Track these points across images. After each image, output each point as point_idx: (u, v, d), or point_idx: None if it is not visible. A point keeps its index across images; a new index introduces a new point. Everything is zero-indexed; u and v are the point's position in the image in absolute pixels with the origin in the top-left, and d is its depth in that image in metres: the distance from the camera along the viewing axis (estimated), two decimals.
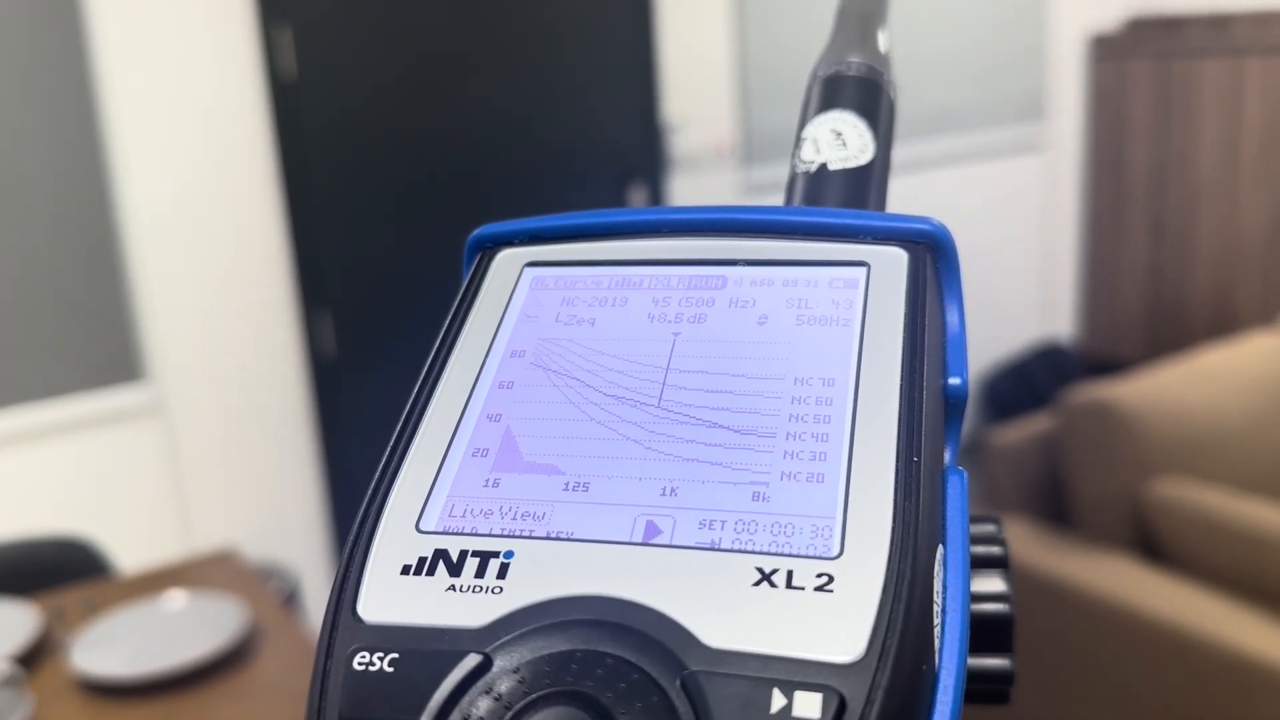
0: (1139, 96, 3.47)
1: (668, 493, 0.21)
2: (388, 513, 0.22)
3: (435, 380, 0.25)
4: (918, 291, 0.24)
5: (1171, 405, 1.98)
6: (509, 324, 0.26)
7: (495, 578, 0.20)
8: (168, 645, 1.40)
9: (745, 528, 0.21)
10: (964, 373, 0.24)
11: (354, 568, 0.21)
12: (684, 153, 2.86)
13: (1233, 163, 3.29)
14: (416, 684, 0.19)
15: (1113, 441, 1.94)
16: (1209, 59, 3.29)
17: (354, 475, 2.53)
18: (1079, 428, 1.99)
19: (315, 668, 0.20)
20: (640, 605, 0.19)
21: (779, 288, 0.25)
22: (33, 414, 2.19)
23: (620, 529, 0.21)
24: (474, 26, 2.53)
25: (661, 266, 0.26)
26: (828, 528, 0.20)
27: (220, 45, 2.24)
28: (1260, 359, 2.15)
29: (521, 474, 0.23)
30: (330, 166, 2.42)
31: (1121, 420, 1.93)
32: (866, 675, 0.18)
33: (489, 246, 0.28)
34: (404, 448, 0.24)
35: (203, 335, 2.31)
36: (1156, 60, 3.41)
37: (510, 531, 0.21)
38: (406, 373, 0.24)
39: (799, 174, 0.30)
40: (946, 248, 0.25)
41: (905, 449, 0.21)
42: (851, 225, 0.26)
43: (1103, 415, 1.95)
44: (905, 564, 0.19)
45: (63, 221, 2.18)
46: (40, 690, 1.35)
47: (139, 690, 1.33)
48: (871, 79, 0.32)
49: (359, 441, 2.52)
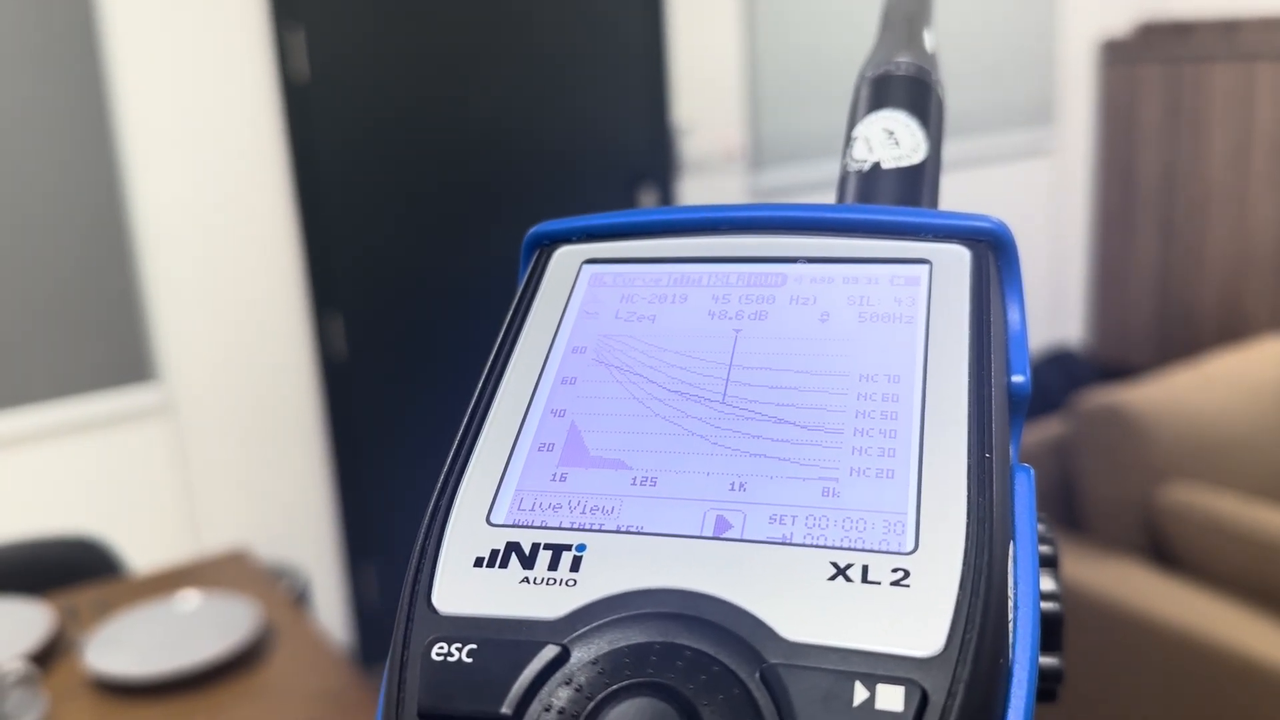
0: (1149, 101, 3.47)
1: (736, 488, 0.22)
2: (458, 506, 0.22)
3: (499, 376, 0.25)
4: (982, 289, 0.24)
5: (1182, 410, 1.98)
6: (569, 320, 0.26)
7: (569, 570, 0.21)
8: (180, 645, 1.40)
9: (817, 523, 0.21)
10: (1027, 370, 0.24)
11: (427, 560, 0.21)
12: (693, 156, 2.86)
13: (1243, 168, 3.28)
14: (496, 674, 0.19)
15: (1123, 446, 1.94)
16: (1219, 64, 3.29)
17: (364, 476, 2.53)
18: (1090, 432, 1.99)
19: (391, 659, 0.20)
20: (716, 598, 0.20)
21: (840, 285, 0.25)
22: (45, 414, 2.19)
23: (691, 523, 0.21)
24: (485, 30, 2.53)
25: (720, 264, 0.26)
26: (900, 523, 0.20)
27: (232, 47, 2.25)
28: (1271, 364, 2.14)
29: (588, 469, 0.23)
30: (341, 168, 2.42)
31: (1132, 425, 1.93)
32: (948, 669, 0.18)
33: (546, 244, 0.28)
34: (471, 442, 0.24)
35: (214, 336, 2.32)
36: (1167, 65, 3.41)
37: (581, 525, 0.21)
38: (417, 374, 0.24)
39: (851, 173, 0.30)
40: (1008, 246, 0.25)
41: (977, 445, 0.21)
42: (912, 223, 0.26)
43: (1113, 420, 1.94)
44: (982, 559, 0.19)
45: (75, 223, 2.18)
46: (54, 689, 1.35)
47: (152, 689, 1.34)
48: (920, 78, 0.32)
49: (369, 443, 2.53)
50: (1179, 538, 1.88)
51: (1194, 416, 1.99)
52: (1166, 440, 1.94)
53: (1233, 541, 1.80)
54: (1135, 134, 3.53)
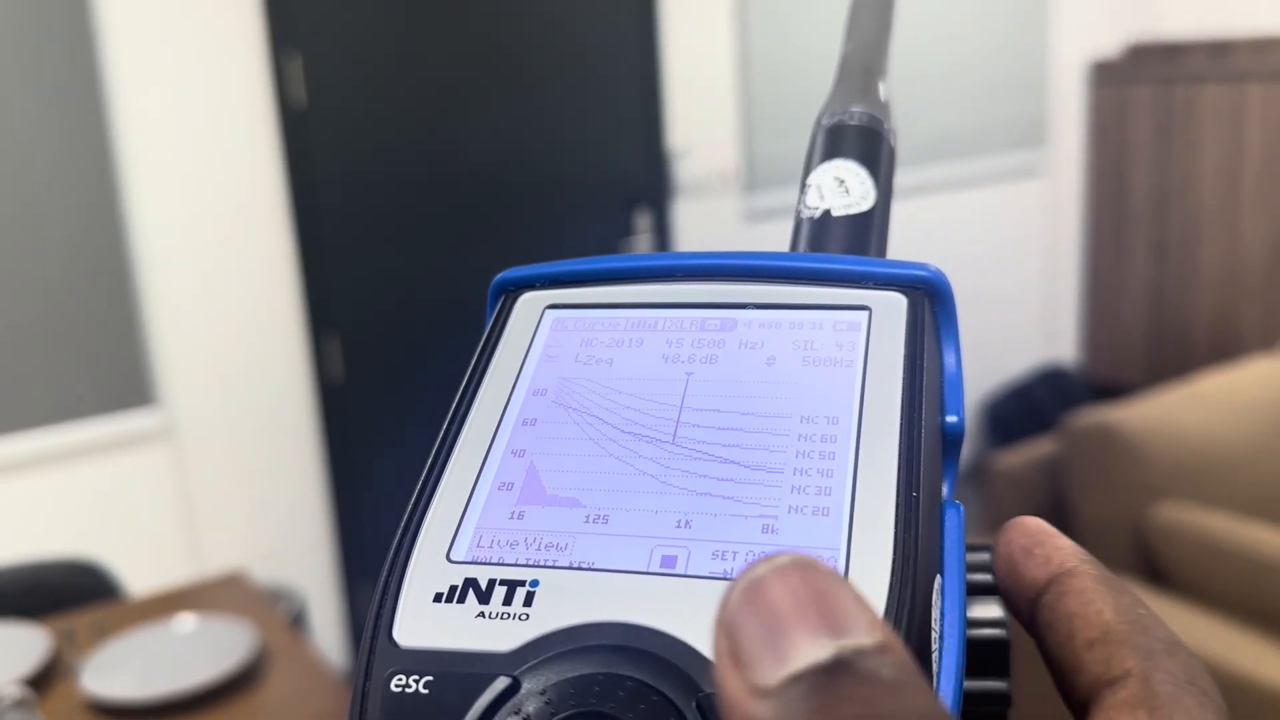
0: (1140, 122, 3.49)
1: (682, 525, 0.23)
2: (420, 543, 0.24)
3: (464, 416, 0.26)
4: (916, 334, 0.25)
5: (1174, 429, 1.99)
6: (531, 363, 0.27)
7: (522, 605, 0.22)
8: (177, 667, 1.41)
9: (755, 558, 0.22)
10: (960, 411, 0.26)
11: (389, 595, 0.23)
12: (688, 180, 2.88)
13: (1234, 188, 3.31)
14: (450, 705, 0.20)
15: (1115, 465, 1.95)
16: (1209, 84, 3.31)
17: (361, 498, 2.54)
18: (1081, 451, 2.00)
19: (354, 689, 0.21)
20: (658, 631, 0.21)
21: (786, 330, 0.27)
22: (44, 438, 2.20)
23: (638, 559, 0.22)
24: (481, 56, 2.56)
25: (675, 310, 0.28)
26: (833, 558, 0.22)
27: (231, 73, 2.27)
28: (1262, 383, 2.16)
29: (545, 506, 0.24)
30: (339, 193, 2.44)
31: (1124, 444, 1.94)
32: None
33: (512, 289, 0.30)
34: (435, 481, 0.25)
35: (212, 360, 2.33)
36: (1157, 86, 3.43)
37: (535, 561, 0.23)
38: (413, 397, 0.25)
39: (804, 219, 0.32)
40: (943, 292, 0.27)
41: (905, 484, 0.22)
42: (853, 271, 0.27)
43: (1105, 439, 1.96)
44: (905, 593, 0.21)
45: (74, 247, 2.20)
46: (51, 712, 1.36)
47: (148, 712, 1.34)
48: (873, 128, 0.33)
49: (366, 465, 2.54)
50: (1171, 556, 1.88)
51: (1186, 435, 1.99)
52: (1158, 459, 1.95)
53: (1225, 560, 1.81)
54: (1126, 154, 3.55)
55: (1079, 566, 0.23)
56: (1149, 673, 0.20)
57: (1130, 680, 0.20)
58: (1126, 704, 0.20)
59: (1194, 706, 0.19)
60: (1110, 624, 0.21)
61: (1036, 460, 2.11)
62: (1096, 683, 0.21)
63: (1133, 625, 0.21)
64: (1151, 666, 0.20)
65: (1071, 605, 0.22)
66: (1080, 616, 0.22)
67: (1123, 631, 0.21)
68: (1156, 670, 0.20)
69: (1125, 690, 0.20)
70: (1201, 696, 0.20)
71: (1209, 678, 0.20)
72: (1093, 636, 0.21)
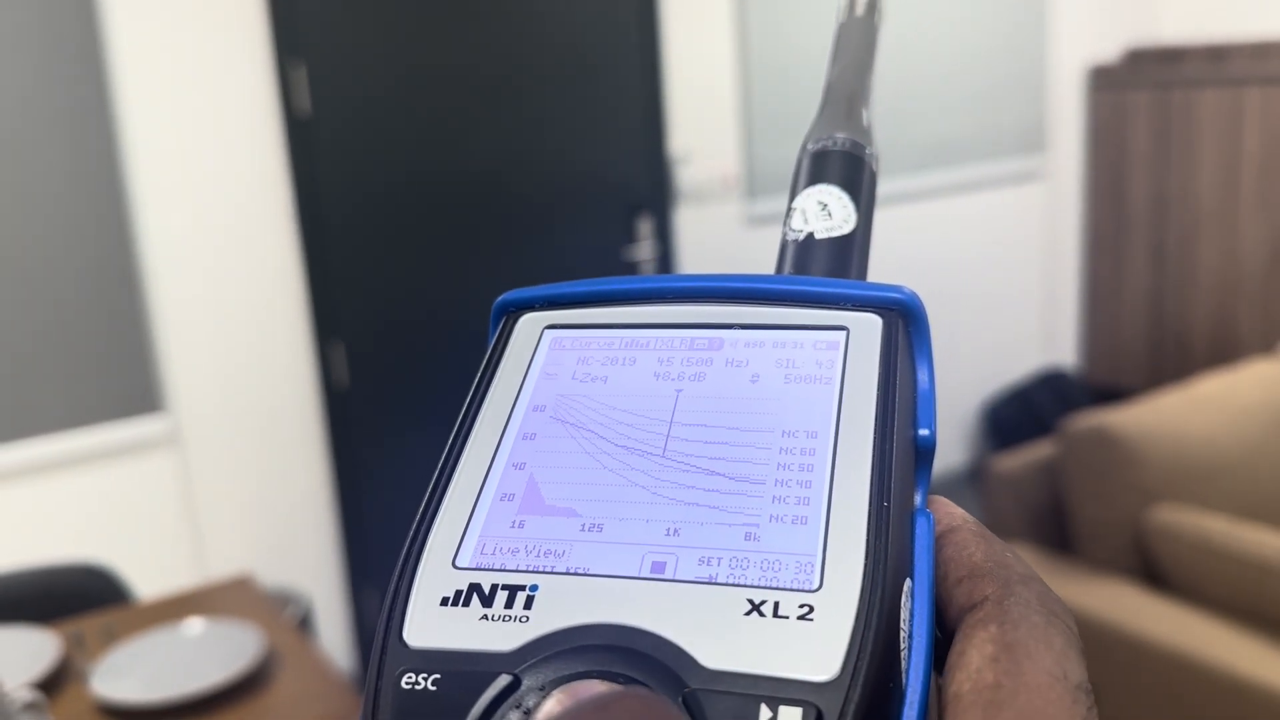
0: (1138, 127, 3.51)
1: (671, 533, 0.25)
2: (428, 551, 0.25)
3: (468, 432, 0.28)
4: (890, 353, 0.27)
5: (1172, 432, 2.00)
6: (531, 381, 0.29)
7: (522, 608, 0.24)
8: (185, 671, 1.42)
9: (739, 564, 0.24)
10: (932, 425, 0.27)
11: (399, 600, 0.24)
12: (690, 186, 2.90)
13: (1232, 192, 3.32)
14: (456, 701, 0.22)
15: (1113, 468, 1.96)
16: (1208, 89, 3.32)
17: (365, 503, 2.55)
18: (1079, 454, 2.01)
19: (368, 688, 0.23)
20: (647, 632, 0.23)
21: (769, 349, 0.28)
22: (53, 444, 2.22)
23: (630, 565, 0.24)
24: (484, 65, 2.58)
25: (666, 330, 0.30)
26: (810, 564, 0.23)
27: (237, 82, 2.29)
28: (1260, 386, 2.16)
29: (544, 516, 0.26)
30: (343, 200, 2.46)
31: (1122, 447, 1.95)
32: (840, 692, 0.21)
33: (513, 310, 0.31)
34: (441, 492, 0.27)
35: (219, 367, 2.35)
36: (1155, 91, 3.45)
37: (534, 567, 0.24)
38: (417, 402, 0.27)
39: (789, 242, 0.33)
40: (917, 313, 0.28)
41: (877, 495, 0.24)
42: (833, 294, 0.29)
43: (1103, 442, 1.96)
44: (875, 596, 0.22)
45: (83, 257, 2.22)
46: (61, 715, 1.37)
47: (157, 715, 1.36)
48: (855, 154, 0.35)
49: (371, 470, 2.55)
50: (1169, 559, 1.89)
51: (1183, 438, 2.00)
52: (1156, 462, 1.96)
53: (1223, 562, 1.82)
54: (1125, 159, 3.56)
55: (962, 525, 0.25)
56: (1003, 597, 0.23)
57: (987, 604, 0.23)
58: (981, 622, 0.22)
59: (1040, 623, 0.22)
60: (978, 564, 0.24)
61: (1035, 463, 2.11)
62: (960, 610, 0.23)
63: (996, 564, 0.24)
64: (1006, 592, 0.23)
65: (949, 553, 0.25)
66: (954, 560, 0.24)
67: (986, 568, 0.24)
68: (1010, 595, 0.23)
69: (982, 611, 0.23)
70: (1050, 616, 0.22)
71: (1064, 605, 0.23)
72: (962, 575, 0.24)
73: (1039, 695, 0.21)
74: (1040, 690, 0.21)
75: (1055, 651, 0.22)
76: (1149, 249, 3.55)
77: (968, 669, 0.22)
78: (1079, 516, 2.01)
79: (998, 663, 0.21)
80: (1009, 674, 0.21)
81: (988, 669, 0.21)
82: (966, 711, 0.21)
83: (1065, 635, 0.22)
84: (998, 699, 0.21)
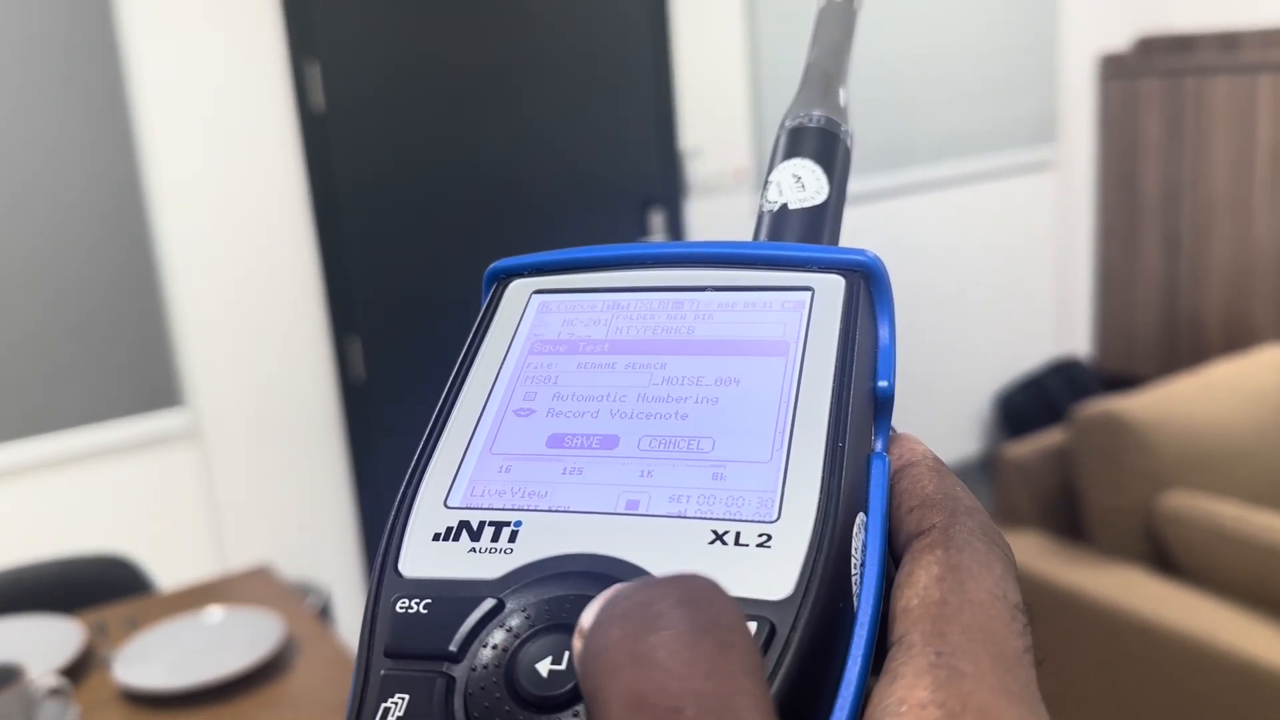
0: (1150, 115, 3.50)
1: (645, 475, 0.27)
2: (422, 493, 0.28)
3: (460, 385, 0.30)
4: (851, 311, 0.29)
5: (1182, 418, 2.00)
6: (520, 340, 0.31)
7: (507, 541, 0.26)
8: (206, 658, 1.44)
9: (706, 500, 0.26)
10: (891, 377, 0.29)
11: (395, 535, 0.26)
12: (701, 179, 2.92)
13: (1245, 179, 3.31)
14: (446, 621, 0.24)
15: (1124, 454, 1.96)
16: (1220, 77, 3.32)
17: (383, 494, 2.58)
18: (1090, 441, 2.01)
19: (365, 613, 0.25)
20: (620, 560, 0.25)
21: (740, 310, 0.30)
22: (76, 438, 2.26)
23: (607, 502, 0.26)
24: (498, 60, 2.60)
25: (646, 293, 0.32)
26: (770, 499, 0.25)
27: (252, 80, 2.32)
28: (1271, 371, 2.16)
29: (528, 461, 0.28)
30: (358, 196, 2.49)
31: (1132, 433, 1.95)
32: (792, 609, 0.23)
33: (503, 277, 0.34)
34: (435, 439, 0.29)
35: (238, 361, 2.38)
36: (1167, 79, 3.44)
37: (519, 506, 0.27)
38: (433, 393, 0.29)
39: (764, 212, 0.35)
40: (878, 274, 0.30)
41: (833, 437, 0.26)
42: (799, 257, 0.31)
43: (1114, 428, 1.97)
44: (828, 525, 0.24)
45: (102, 252, 2.25)
46: (85, 702, 1.40)
47: (178, 701, 1.38)
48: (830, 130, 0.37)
49: (388, 461, 2.58)
50: (1180, 544, 1.90)
51: (1195, 424, 2.01)
52: (1167, 448, 1.96)
53: (1234, 547, 1.82)
54: (1137, 148, 3.56)
55: (920, 460, 0.28)
56: (949, 525, 0.25)
57: (934, 530, 0.25)
58: (929, 546, 0.24)
59: (983, 549, 0.24)
60: (929, 495, 0.26)
61: (1046, 450, 2.12)
62: (909, 536, 0.25)
63: (946, 495, 0.26)
64: (952, 521, 0.25)
65: (904, 484, 0.27)
66: (909, 492, 0.27)
67: (936, 499, 0.26)
68: (955, 523, 0.25)
69: (929, 537, 0.25)
70: (991, 544, 0.24)
71: (1002, 536, 0.25)
72: (913, 504, 0.26)
73: (982, 611, 0.23)
74: (983, 606, 0.23)
75: (995, 575, 0.24)
76: (1161, 238, 3.55)
77: (915, 587, 0.24)
78: (1090, 502, 2.02)
79: (944, 582, 0.23)
80: (954, 591, 0.23)
81: (934, 587, 0.23)
82: (916, 624, 0.23)
83: (1004, 561, 0.24)
84: (944, 613, 0.22)
